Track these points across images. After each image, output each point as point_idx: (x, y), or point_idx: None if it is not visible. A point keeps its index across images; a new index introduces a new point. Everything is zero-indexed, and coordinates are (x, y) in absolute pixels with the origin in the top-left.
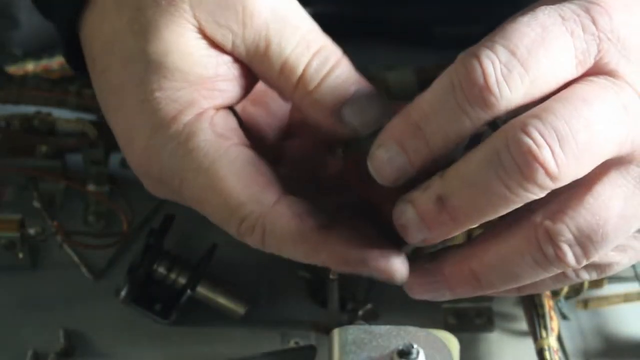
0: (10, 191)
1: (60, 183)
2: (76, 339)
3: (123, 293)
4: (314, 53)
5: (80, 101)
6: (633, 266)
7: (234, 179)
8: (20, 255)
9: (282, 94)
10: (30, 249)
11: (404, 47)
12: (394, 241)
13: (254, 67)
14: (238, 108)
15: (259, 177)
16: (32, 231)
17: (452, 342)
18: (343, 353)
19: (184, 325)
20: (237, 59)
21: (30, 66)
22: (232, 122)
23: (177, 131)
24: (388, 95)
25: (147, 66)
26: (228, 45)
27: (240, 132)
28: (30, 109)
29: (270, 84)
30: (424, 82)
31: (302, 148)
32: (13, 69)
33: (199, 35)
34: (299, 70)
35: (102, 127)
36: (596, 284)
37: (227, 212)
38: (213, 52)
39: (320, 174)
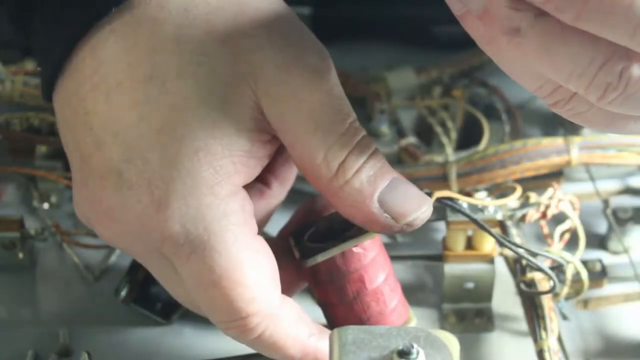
0: (10, 191)
1: (60, 183)
2: (76, 339)
3: (123, 293)
4: (357, 141)
5: None
6: (633, 266)
7: (253, 272)
8: (20, 255)
9: (316, 179)
10: (30, 249)
11: (404, 47)
12: None
13: (295, 148)
14: None
15: (272, 274)
16: (32, 231)
17: (452, 342)
18: (343, 353)
19: (184, 325)
20: (271, 139)
21: (30, 66)
22: (251, 205)
23: (215, 204)
24: (388, 95)
25: (200, 118)
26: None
27: (253, 218)
28: (30, 109)
29: (307, 167)
30: (424, 82)
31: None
32: (13, 69)
33: (254, 106)
34: (342, 157)
35: None
36: (596, 283)
37: (235, 303)
38: (257, 126)
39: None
